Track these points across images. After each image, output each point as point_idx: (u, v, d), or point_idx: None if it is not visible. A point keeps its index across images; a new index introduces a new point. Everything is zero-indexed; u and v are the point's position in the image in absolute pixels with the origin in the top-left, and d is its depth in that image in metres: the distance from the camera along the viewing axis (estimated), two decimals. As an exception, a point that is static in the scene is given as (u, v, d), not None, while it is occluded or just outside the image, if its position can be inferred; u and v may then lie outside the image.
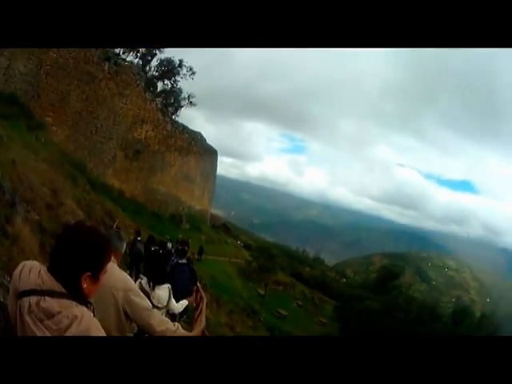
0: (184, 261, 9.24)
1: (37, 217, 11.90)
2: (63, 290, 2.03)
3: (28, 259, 2.47)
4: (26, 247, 8.43)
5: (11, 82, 34.90)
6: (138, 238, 16.17)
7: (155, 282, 6.22)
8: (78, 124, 38.75)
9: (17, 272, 2.16)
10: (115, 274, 3.22)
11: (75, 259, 2.05)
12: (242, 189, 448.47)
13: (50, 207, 14.04)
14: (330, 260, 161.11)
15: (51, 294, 2.01)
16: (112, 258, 2.95)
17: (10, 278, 2.79)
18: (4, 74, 34.59)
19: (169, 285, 6.30)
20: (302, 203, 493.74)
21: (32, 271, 2.11)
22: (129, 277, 3.46)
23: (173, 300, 6.31)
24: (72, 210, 16.10)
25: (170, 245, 18.64)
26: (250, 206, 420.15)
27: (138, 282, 6.03)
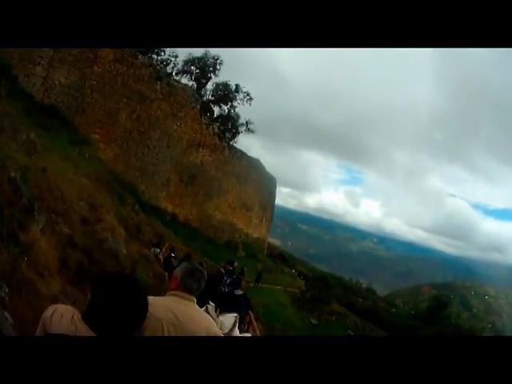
0: (240, 292, 9.21)
1: (68, 230, 10.92)
2: None
3: (39, 273, 4.30)
4: (40, 259, 7.74)
5: (51, 93, 34.08)
6: (172, 255, 16.66)
7: (223, 309, 6.40)
8: (128, 144, 37.88)
9: (48, 314, 2.18)
10: (199, 318, 3.03)
11: (113, 317, 2.08)
12: (299, 219, 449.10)
13: (85, 221, 12.99)
14: (381, 291, 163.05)
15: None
16: (188, 295, 3.00)
17: (8, 287, 4.08)
18: (42, 84, 33.74)
19: (237, 314, 6.43)
20: (358, 234, 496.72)
21: (64, 316, 2.15)
22: (213, 321, 3.35)
23: (237, 330, 6.36)
24: (112, 227, 14.82)
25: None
26: (307, 236, 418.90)
27: (204, 307, 6.01)
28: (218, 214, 48.43)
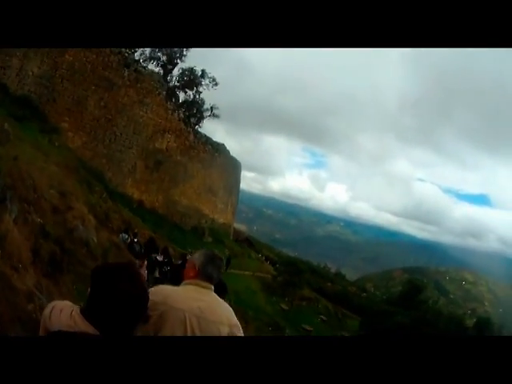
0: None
1: (39, 220, 10.87)
2: (97, 333, 2.05)
3: (14, 267, 3.80)
4: (13, 252, 7.49)
5: (24, 83, 33.91)
6: (135, 240, 17.00)
7: None
8: (95, 131, 37.59)
9: (47, 312, 2.19)
10: (220, 308, 2.95)
11: (115, 310, 2.04)
12: (264, 204, 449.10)
13: (56, 210, 13.02)
14: (351, 275, 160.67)
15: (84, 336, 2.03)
16: (207, 284, 2.93)
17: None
18: (17, 75, 33.60)
19: None
20: (323, 218, 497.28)
21: (63, 312, 2.14)
22: (231, 310, 3.11)
23: None
24: (82, 214, 14.81)
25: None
26: (273, 221, 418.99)
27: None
28: (184, 200, 48.25)
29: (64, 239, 11.15)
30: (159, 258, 15.97)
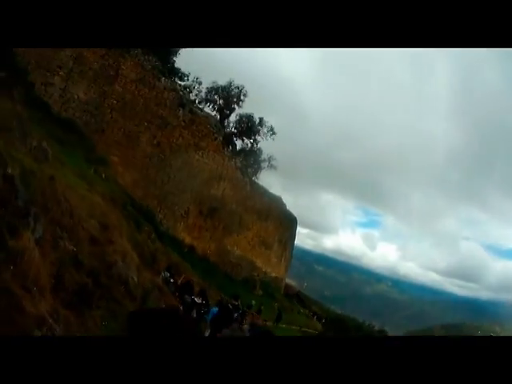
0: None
1: (73, 247, 9.75)
2: None
3: (26, 287, 4.01)
4: (29, 272, 6.59)
5: (69, 107, 33.33)
6: (171, 280, 17.43)
7: None
8: (147, 170, 36.89)
9: None
10: None
11: None
12: (315, 260, 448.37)
13: (94, 241, 11.66)
14: (393, 332, 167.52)
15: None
16: None
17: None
18: (60, 96, 32.97)
19: None
20: (373, 277, 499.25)
21: None
22: None
23: None
24: (124, 250, 13.34)
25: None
26: (323, 277, 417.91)
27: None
28: (237, 250, 47.11)
29: (99, 272, 10.05)
30: (197, 300, 16.19)
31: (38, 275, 6.73)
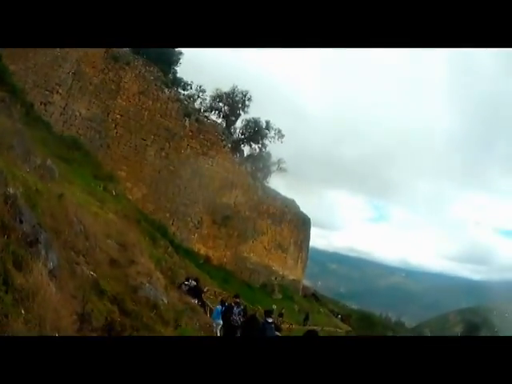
0: (271, 320, 10.68)
1: (92, 273, 8.84)
2: None
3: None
4: (46, 314, 5.08)
5: (71, 124, 32.61)
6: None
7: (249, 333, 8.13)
8: (157, 183, 36.08)
9: None
10: None
11: None
12: (328, 258, 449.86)
13: (115, 264, 10.87)
14: (410, 322, 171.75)
15: None
16: None
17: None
18: (61, 115, 32.23)
19: None
20: (387, 270, 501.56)
21: None
22: None
23: None
24: (149, 271, 12.36)
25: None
26: (337, 275, 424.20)
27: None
28: (254, 256, 46.38)
29: (125, 298, 9.02)
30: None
31: (59, 318, 5.40)
